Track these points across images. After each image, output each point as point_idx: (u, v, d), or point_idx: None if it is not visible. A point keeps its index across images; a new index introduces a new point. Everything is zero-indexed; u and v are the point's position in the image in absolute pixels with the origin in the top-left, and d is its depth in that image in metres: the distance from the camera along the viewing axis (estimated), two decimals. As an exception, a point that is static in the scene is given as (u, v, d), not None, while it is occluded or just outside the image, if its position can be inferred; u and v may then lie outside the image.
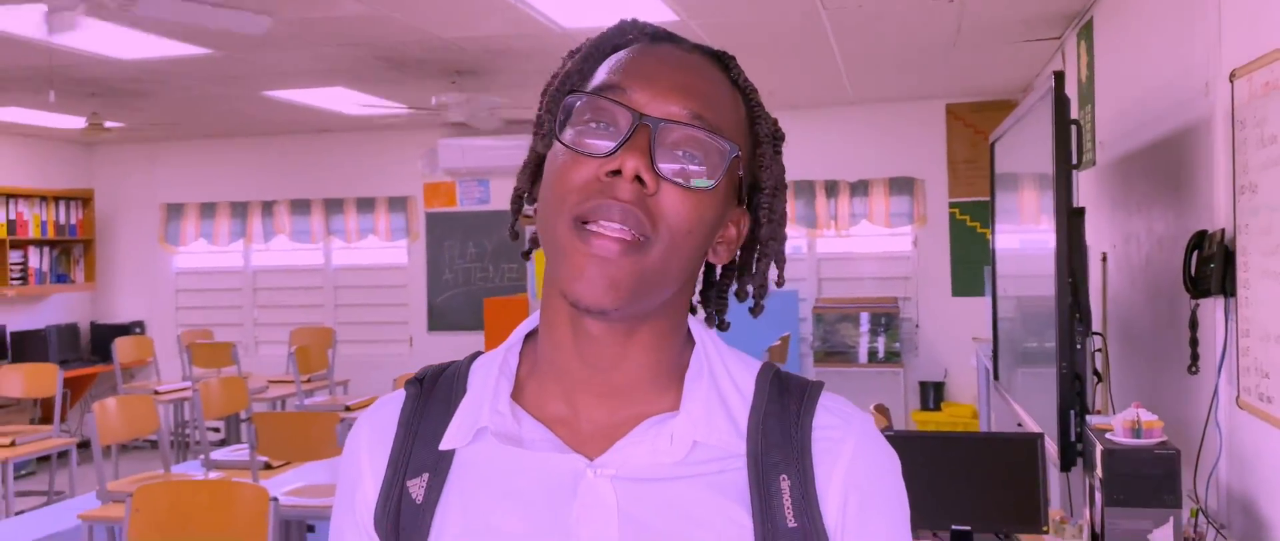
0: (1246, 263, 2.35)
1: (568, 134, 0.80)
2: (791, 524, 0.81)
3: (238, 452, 4.72)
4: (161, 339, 8.26)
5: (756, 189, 0.88)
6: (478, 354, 0.91)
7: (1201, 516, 2.45)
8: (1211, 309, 2.60)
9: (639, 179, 0.77)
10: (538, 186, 0.86)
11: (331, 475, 4.42)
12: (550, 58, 5.55)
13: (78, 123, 6.81)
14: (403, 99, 6.44)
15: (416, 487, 0.84)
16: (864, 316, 7.11)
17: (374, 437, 0.88)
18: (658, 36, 0.87)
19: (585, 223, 0.78)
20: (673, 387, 0.85)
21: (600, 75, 0.83)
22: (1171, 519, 2.29)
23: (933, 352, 7.22)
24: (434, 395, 0.88)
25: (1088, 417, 2.71)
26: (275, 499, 2.58)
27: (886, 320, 7.07)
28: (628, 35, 0.87)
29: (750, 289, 0.91)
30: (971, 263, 7.08)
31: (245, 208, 8.40)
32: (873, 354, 7.07)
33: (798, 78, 6.23)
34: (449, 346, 7.94)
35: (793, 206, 7.35)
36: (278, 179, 8.37)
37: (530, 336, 0.90)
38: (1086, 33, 4.44)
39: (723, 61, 0.87)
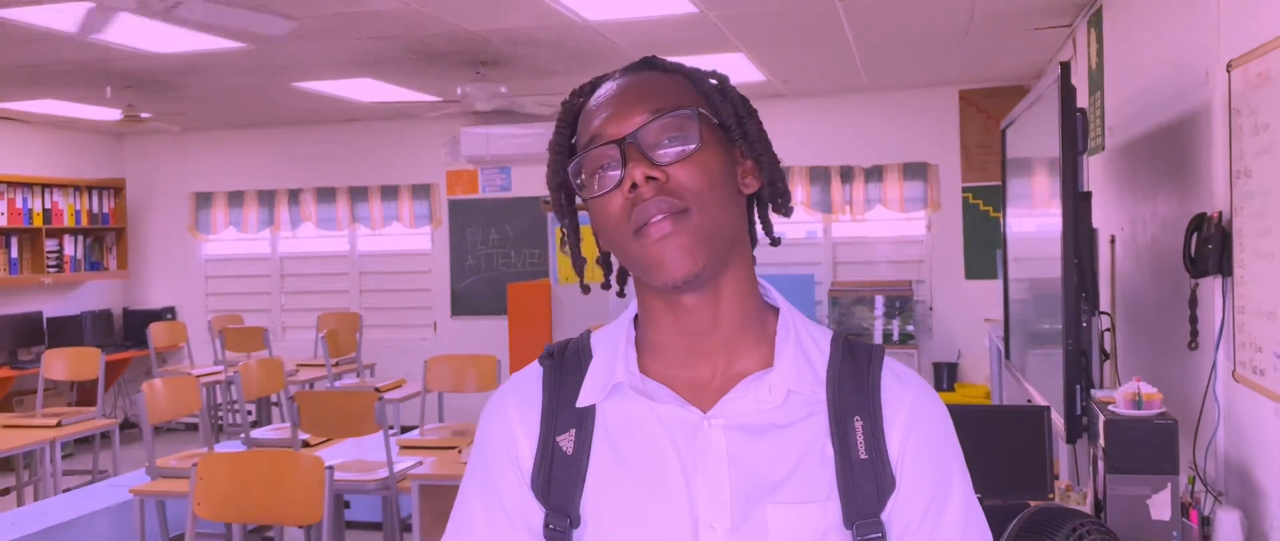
0: (1242, 243, 2.49)
1: (591, 189, 1.00)
2: (863, 456, 0.99)
3: (279, 431, 4.91)
4: (192, 324, 8.48)
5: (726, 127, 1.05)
6: (589, 331, 1.09)
7: (1199, 483, 2.60)
8: (1210, 288, 2.74)
9: (651, 178, 0.96)
10: (578, 246, 1.08)
11: (361, 452, 4.60)
12: (574, 48, 5.71)
13: (112, 114, 7.00)
14: (428, 89, 6.60)
15: (566, 442, 1.02)
16: (878, 299, 7.25)
17: (522, 406, 1.06)
18: (595, 85, 1.06)
19: (638, 231, 0.97)
20: (761, 348, 1.03)
21: (581, 137, 1.02)
22: (1170, 485, 2.43)
23: (946, 334, 7.36)
24: (565, 365, 1.06)
25: (1092, 391, 2.85)
26: (330, 467, 2.76)
27: (901, 303, 7.21)
28: (578, 99, 1.06)
29: (777, 202, 1.08)
30: (984, 246, 7.21)
31: (272, 196, 8.59)
32: (887, 336, 7.22)
33: (813, 66, 6.36)
34: (473, 331, 8.13)
35: (809, 192, 7.49)
36: (304, 168, 8.56)
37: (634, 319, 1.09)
38: (1096, 21, 4.56)
39: (648, 64, 1.05)
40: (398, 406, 6.09)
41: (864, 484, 0.99)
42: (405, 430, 6.25)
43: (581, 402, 1.02)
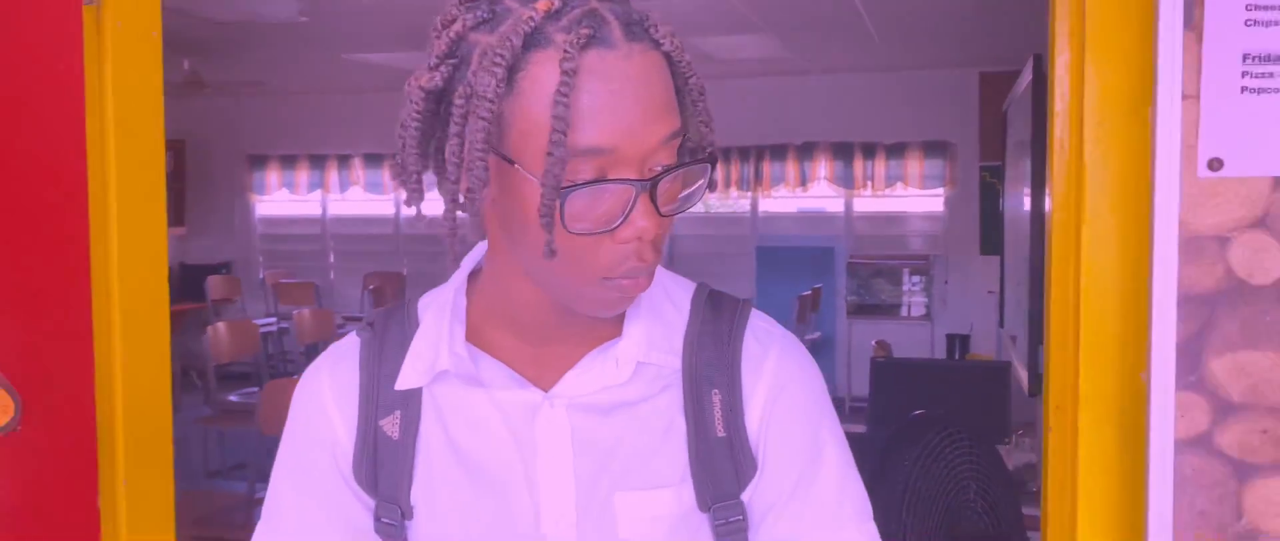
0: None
1: (571, 215, 0.76)
2: (720, 433, 0.88)
3: (325, 374, 5.32)
4: (245, 279, 8.98)
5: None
6: (416, 296, 0.96)
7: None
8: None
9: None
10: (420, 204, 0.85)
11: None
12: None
13: (172, 77, 7.45)
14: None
15: (390, 425, 0.89)
16: (898, 272, 7.58)
17: (336, 386, 0.91)
18: (600, 38, 0.75)
19: (609, 280, 0.80)
20: (618, 316, 0.88)
21: (579, 126, 0.74)
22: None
23: (960, 307, 7.66)
24: (388, 337, 0.92)
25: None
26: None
27: (918, 276, 7.53)
28: (555, 29, 0.75)
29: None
30: (998, 223, 7.48)
31: (323, 160, 9.04)
32: (906, 307, 7.55)
33: (830, 45, 6.63)
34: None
35: (832, 167, 7.80)
36: (353, 134, 8.98)
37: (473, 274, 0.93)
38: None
39: (643, 30, 0.77)
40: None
41: (721, 464, 0.88)
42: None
43: (399, 385, 0.89)
